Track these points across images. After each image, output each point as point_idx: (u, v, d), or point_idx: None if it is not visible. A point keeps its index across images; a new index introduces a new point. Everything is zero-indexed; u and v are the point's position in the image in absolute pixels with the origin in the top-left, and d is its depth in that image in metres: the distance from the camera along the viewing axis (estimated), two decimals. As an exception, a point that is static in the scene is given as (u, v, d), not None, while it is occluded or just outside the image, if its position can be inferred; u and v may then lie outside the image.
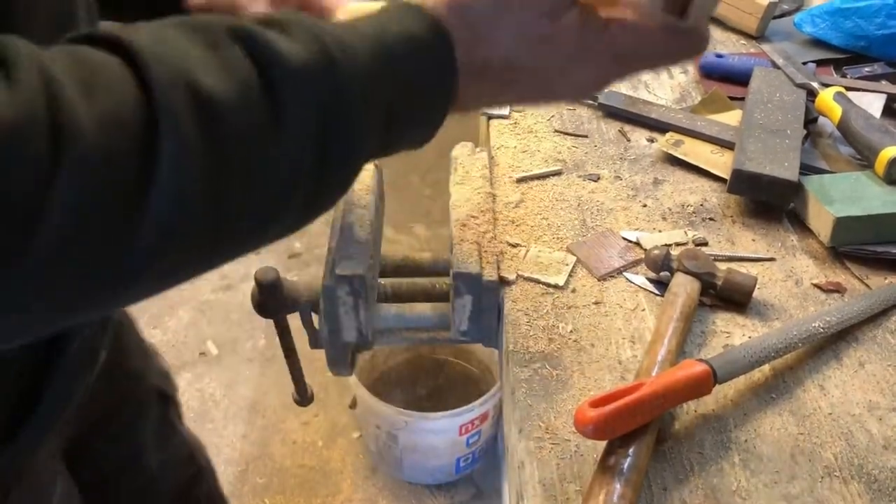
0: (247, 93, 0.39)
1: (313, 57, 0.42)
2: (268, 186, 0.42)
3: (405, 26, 0.47)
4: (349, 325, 0.78)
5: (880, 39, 1.05)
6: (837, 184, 0.82)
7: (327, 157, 0.44)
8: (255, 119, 0.40)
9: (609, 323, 0.72)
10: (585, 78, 0.53)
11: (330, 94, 0.42)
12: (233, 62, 0.39)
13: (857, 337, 0.71)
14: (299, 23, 0.43)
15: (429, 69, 0.47)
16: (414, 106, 0.48)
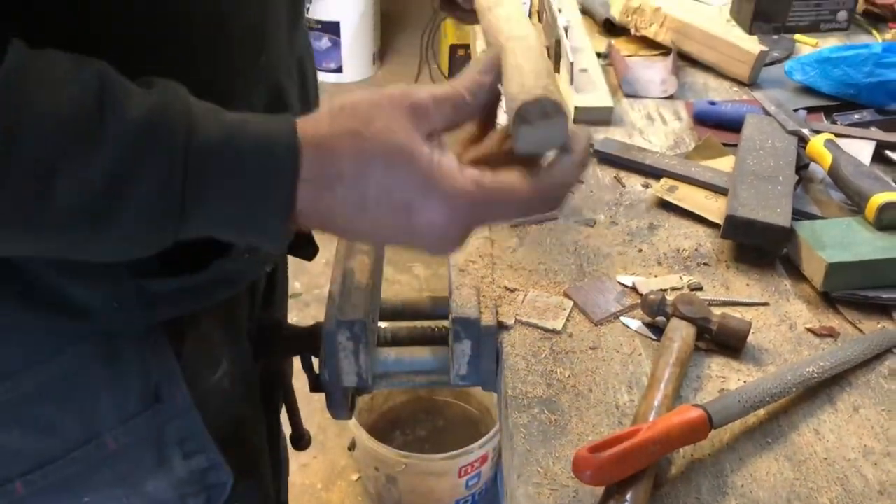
0: (72, 119, 0.43)
1: (151, 112, 0.45)
2: (53, 202, 0.44)
3: (266, 127, 0.48)
4: (349, 369, 0.78)
5: (868, 87, 1.07)
6: (829, 229, 0.83)
7: (118, 201, 0.45)
8: (67, 140, 0.43)
9: (606, 368, 0.73)
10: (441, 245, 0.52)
11: (146, 145, 0.45)
12: (78, 93, 0.44)
13: (850, 381, 0.72)
14: (166, 86, 0.47)
15: (263, 168, 0.47)
16: (238, 195, 0.47)
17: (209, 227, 0.49)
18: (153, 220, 0.46)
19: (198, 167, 0.46)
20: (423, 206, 0.49)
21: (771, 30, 1.33)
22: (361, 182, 0.48)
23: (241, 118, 0.49)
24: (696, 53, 1.22)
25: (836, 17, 1.34)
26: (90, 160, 0.44)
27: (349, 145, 0.48)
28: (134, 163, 0.45)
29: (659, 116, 1.12)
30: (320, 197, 0.49)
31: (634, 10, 1.27)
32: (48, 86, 0.43)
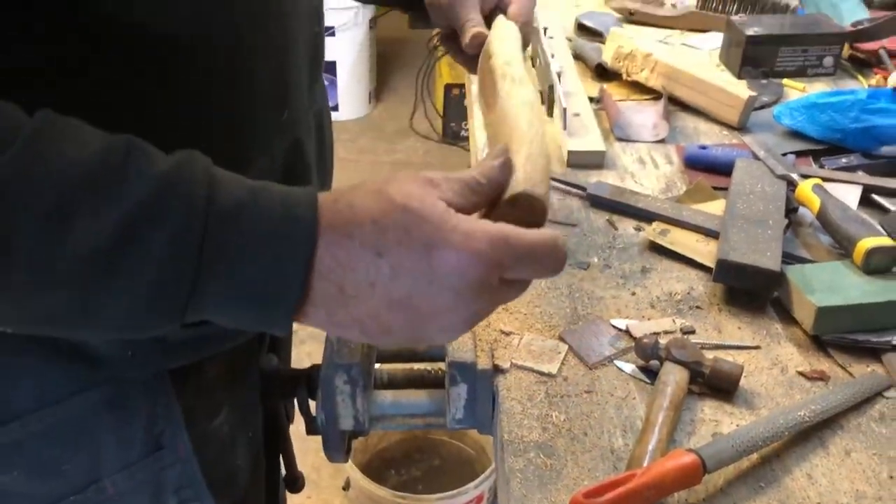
0: (96, 171, 0.44)
1: (172, 171, 0.46)
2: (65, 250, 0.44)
3: (287, 192, 0.49)
4: (346, 413, 0.79)
5: (854, 132, 1.10)
6: (818, 273, 0.85)
7: (130, 257, 0.45)
8: (87, 194, 0.44)
9: (601, 411, 0.74)
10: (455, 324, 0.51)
11: (166, 201, 0.45)
12: (106, 149, 0.45)
13: (842, 425, 0.73)
14: (190, 152, 0.48)
15: (283, 233, 0.47)
16: (252, 266, 0.47)
17: (225, 294, 0.47)
18: (164, 277, 0.45)
19: (219, 222, 0.46)
20: (442, 246, 0.48)
21: (759, 74, 1.36)
22: (379, 227, 0.48)
23: (261, 184, 0.49)
24: (687, 98, 1.25)
25: (823, 63, 1.37)
26: (108, 213, 0.44)
27: (367, 198, 0.49)
28: (152, 216, 0.45)
29: (651, 160, 1.14)
30: (339, 245, 0.48)
31: (626, 56, 1.30)
32: (77, 141, 0.45)
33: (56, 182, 0.43)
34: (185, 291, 0.46)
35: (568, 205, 1.04)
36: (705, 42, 1.51)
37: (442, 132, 3.62)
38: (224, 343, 0.68)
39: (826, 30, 1.36)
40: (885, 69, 1.35)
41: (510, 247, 0.49)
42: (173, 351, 0.64)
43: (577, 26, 1.53)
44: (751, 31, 1.34)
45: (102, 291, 0.46)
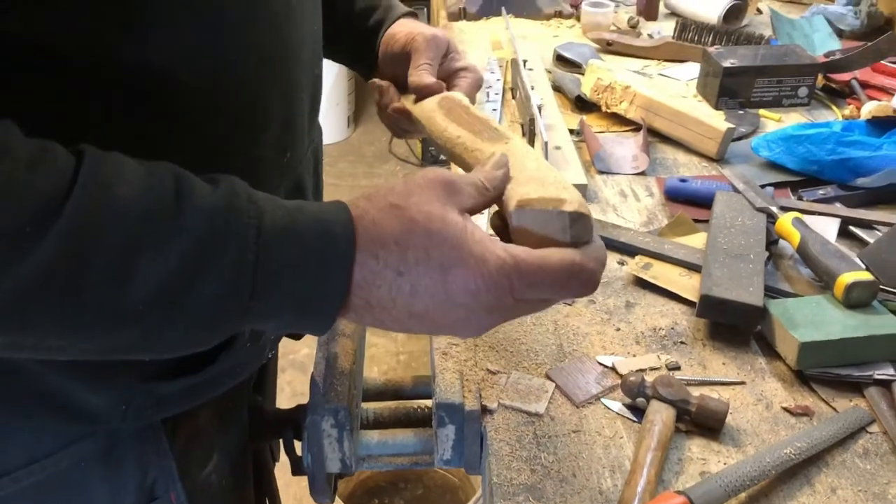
0: (153, 209, 0.46)
1: (221, 201, 0.48)
2: (132, 289, 0.45)
3: (321, 210, 0.52)
4: (333, 456, 0.79)
5: (831, 164, 1.11)
6: (800, 308, 0.86)
7: (195, 285, 0.47)
8: (148, 233, 0.45)
9: (589, 452, 0.74)
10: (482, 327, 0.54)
11: (220, 234, 0.47)
12: (156, 186, 0.47)
13: (827, 461, 0.74)
14: (231, 181, 0.50)
15: (327, 249, 0.50)
16: (303, 274, 0.50)
17: (274, 308, 0.50)
18: (225, 302, 0.48)
19: (268, 248, 0.48)
20: (458, 266, 0.50)
21: (736, 105, 1.38)
22: (401, 246, 0.51)
23: (297, 204, 0.52)
24: (666, 130, 1.26)
25: (798, 93, 1.39)
26: (169, 249, 0.46)
27: (389, 216, 0.51)
28: (210, 248, 0.47)
29: (632, 192, 1.15)
30: (365, 264, 0.51)
31: (605, 88, 1.31)
32: (128, 180, 0.46)
33: (119, 227, 0.45)
34: (240, 314, 0.49)
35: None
36: (682, 72, 1.53)
37: (421, 156, 3.63)
38: (217, 389, 0.68)
39: (800, 61, 1.39)
40: (858, 99, 1.38)
41: (520, 273, 0.51)
42: (167, 402, 0.64)
43: (556, 57, 1.55)
44: (727, 63, 1.36)
45: (166, 325, 0.48)
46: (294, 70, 0.65)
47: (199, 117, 0.57)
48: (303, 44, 0.66)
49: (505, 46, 1.64)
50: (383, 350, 2.52)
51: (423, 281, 0.51)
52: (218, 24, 0.55)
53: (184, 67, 0.54)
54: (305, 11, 0.67)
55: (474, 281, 0.50)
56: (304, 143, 0.72)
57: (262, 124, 0.63)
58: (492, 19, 1.83)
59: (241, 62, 0.58)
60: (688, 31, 1.62)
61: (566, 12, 1.83)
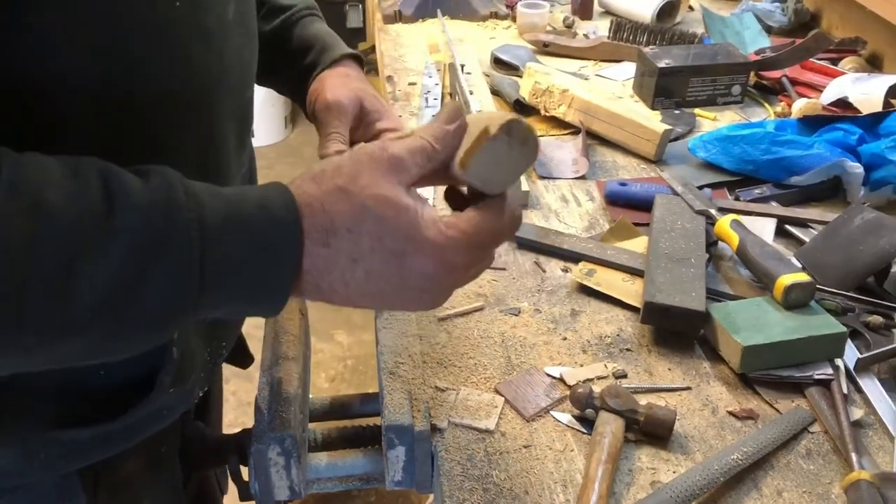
0: (85, 215, 0.44)
1: (156, 197, 0.46)
2: (75, 300, 0.44)
3: (263, 195, 0.50)
4: (281, 483, 0.77)
5: (766, 164, 1.13)
6: (742, 311, 0.87)
7: (141, 287, 0.46)
8: (84, 239, 0.44)
9: (541, 467, 0.74)
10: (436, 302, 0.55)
11: (161, 232, 0.46)
12: (84, 189, 0.45)
13: (772, 464, 0.75)
14: (162, 172, 0.49)
15: (273, 234, 0.49)
16: (252, 265, 0.49)
17: (225, 298, 0.49)
18: (174, 301, 0.47)
19: (213, 238, 0.47)
20: (413, 253, 0.51)
21: (672, 105, 1.40)
22: (354, 234, 0.50)
23: (237, 190, 0.51)
24: (604, 132, 1.27)
25: (731, 91, 1.41)
26: (108, 253, 0.44)
27: (339, 200, 0.50)
28: (152, 246, 0.45)
29: (573, 197, 1.15)
30: (317, 253, 0.50)
31: (543, 92, 1.31)
32: (54, 186, 0.43)
33: (52, 236, 0.43)
34: (190, 309, 0.48)
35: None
36: (619, 72, 1.54)
37: (361, 156, 3.60)
38: (138, 436, 0.64)
39: (733, 59, 1.41)
40: (789, 96, 1.41)
41: (476, 245, 0.53)
42: (78, 451, 0.60)
43: (494, 60, 1.55)
44: (662, 63, 1.38)
45: (115, 331, 0.47)
46: (215, 97, 0.63)
47: (98, 149, 0.53)
48: (225, 70, 0.63)
49: (442, 49, 1.63)
50: (329, 356, 2.49)
51: (377, 267, 0.51)
52: (113, 53, 0.52)
53: (68, 99, 0.52)
54: (229, 35, 0.64)
55: (432, 266, 0.51)
56: (231, 170, 0.69)
57: (176, 153, 0.59)
58: (428, 21, 1.82)
59: (146, 92, 0.55)
60: (623, 31, 1.63)
61: (502, 13, 1.83)
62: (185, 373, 0.66)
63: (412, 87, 1.48)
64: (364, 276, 0.51)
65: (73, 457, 0.61)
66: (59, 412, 0.58)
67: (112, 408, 0.61)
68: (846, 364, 0.84)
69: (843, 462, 0.75)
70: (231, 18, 0.64)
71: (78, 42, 0.50)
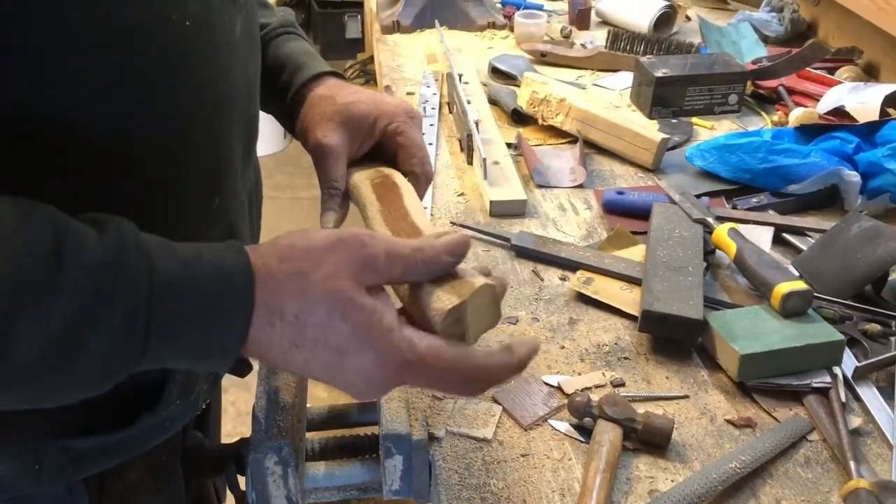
0: (29, 269, 0.43)
1: (106, 255, 0.45)
2: (11, 356, 0.43)
3: (220, 258, 0.49)
4: (278, 493, 0.76)
5: (763, 172, 1.14)
6: (739, 319, 0.87)
7: (81, 346, 0.45)
8: (25, 295, 0.43)
9: (538, 476, 0.74)
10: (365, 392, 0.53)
11: (107, 292, 0.45)
12: (33, 241, 0.44)
13: (771, 473, 0.75)
14: (119, 227, 0.47)
15: (223, 302, 0.48)
16: (199, 328, 0.48)
17: (166, 360, 0.49)
18: (115, 361, 0.46)
19: (160, 304, 0.46)
20: (357, 355, 0.50)
21: (669, 114, 1.40)
22: (300, 322, 0.49)
23: (195, 251, 0.49)
24: (602, 141, 1.27)
25: (728, 101, 1.42)
26: (51, 311, 0.43)
27: (294, 287, 0.49)
28: (96, 309, 0.44)
29: (570, 206, 1.15)
30: (262, 330, 0.50)
31: (540, 101, 1.32)
32: (1, 239, 0.43)
33: None
34: (132, 367, 0.48)
35: (493, 256, 1.04)
36: (616, 82, 1.55)
37: (360, 166, 3.60)
38: (143, 446, 0.65)
39: (730, 69, 1.42)
40: (786, 106, 1.41)
41: (419, 372, 0.51)
42: (86, 460, 0.60)
43: (491, 70, 1.55)
44: (659, 73, 1.38)
45: (53, 386, 0.46)
46: (222, 113, 0.62)
47: (108, 166, 0.54)
48: (233, 86, 0.63)
49: (440, 59, 1.64)
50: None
51: (318, 358, 0.50)
52: (122, 70, 0.52)
53: (82, 116, 0.51)
54: (236, 52, 0.64)
55: (373, 371, 0.50)
56: (237, 185, 0.69)
57: (184, 170, 0.59)
58: (426, 31, 1.82)
59: (155, 110, 0.55)
60: (620, 41, 1.64)
61: (499, 23, 1.84)
62: (190, 385, 0.66)
63: (410, 96, 1.48)
64: (303, 363, 0.51)
65: (80, 466, 0.60)
66: (66, 422, 0.58)
67: (119, 418, 0.61)
68: (844, 372, 0.84)
69: (841, 470, 0.75)
70: (238, 35, 0.64)
71: (89, 62, 0.50)
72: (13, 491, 0.58)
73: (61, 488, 0.61)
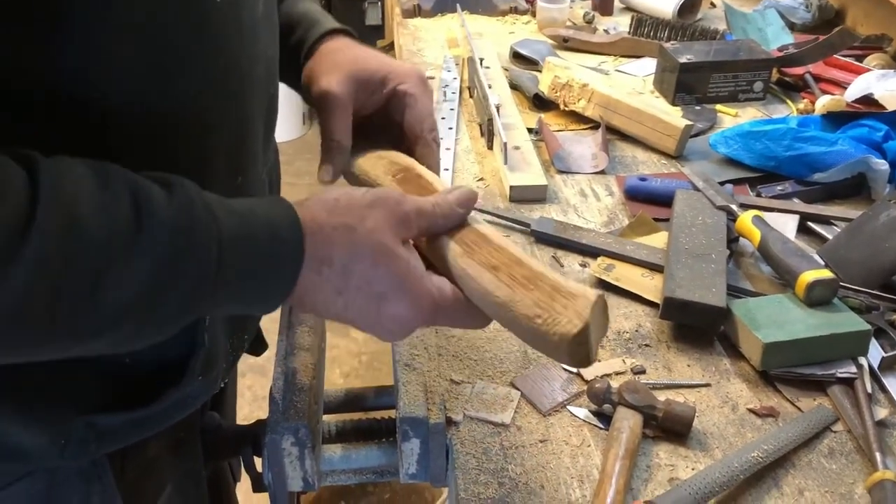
0: (115, 229, 0.47)
1: (181, 214, 0.49)
2: (103, 307, 0.47)
3: (271, 214, 0.54)
4: (295, 474, 0.76)
5: (788, 160, 1.12)
6: (763, 308, 0.85)
7: (162, 298, 0.49)
8: (114, 253, 0.46)
9: (557, 462, 0.73)
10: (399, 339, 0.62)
11: (183, 248, 0.49)
12: (115, 203, 0.47)
13: (793, 463, 0.74)
14: (183, 185, 0.51)
15: (277, 255, 0.53)
16: (256, 278, 0.53)
17: (227, 303, 0.53)
18: (189, 307, 0.51)
19: (227, 259, 0.51)
20: (394, 300, 0.55)
21: (693, 101, 1.38)
22: (347, 270, 0.54)
23: (248, 207, 0.53)
24: (624, 127, 1.26)
25: (753, 88, 1.40)
26: (135, 267, 0.47)
27: (342, 237, 0.54)
28: (175, 265, 0.48)
29: (592, 192, 1.14)
30: (308, 278, 0.54)
31: (563, 86, 1.30)
32: (86, 199, 0.46)
33: (85, 251, 0.45)
34: (201, 311, 0.54)
35: (513, 241, 1.03)
36: (639, 68, 1.53)
37: (379, 153, 3.60)
38: (165, 422, 0.65)
39: (755, 56, 1.39)
40: (812, 93, 1.39)
41: (446, 312, 0.58)
42: (110, 436, 0.61)
43: (513, 55, 1.54)
44: (683, 59, 1.36)
45: (133, 334, 0.50)
46: (246, 92, 0.63)
47: (139, 143, 0.55)
48: (255, 64, 0.63)
49: (461, 44, 1.62)
50: (344, 351, 2.48)
51: (357, 303, 0.55)
52: (157, 47, 0.53)
53: (120, 93, 0.52)
54: (259, 31, 0.64)
55: (406, 315, 0.56)
56: (258, 165, 0.69)
57: (210, 148, 0.60)
58: (447, 16, 1.81)
59: (185, 86, 0.56)
60: (643, 27, 1.62)
61: (521, 8, 1.82)
62: (211, 361, 0.67)
63: (430, 81, 1.47)
64: (343, 306, 0.56)
65: (105, 441, 0.62)
66: (92, 399, 0.60)
67: (144, 394, 0.62)
68: (870, 363, 0.82)
69: (866, 462, 0.73)
70: (260, 14, 0.64)
71: (125, 39, 0.51)
72: (38, 464, 0.59)
73: (85, 462, 0.62)
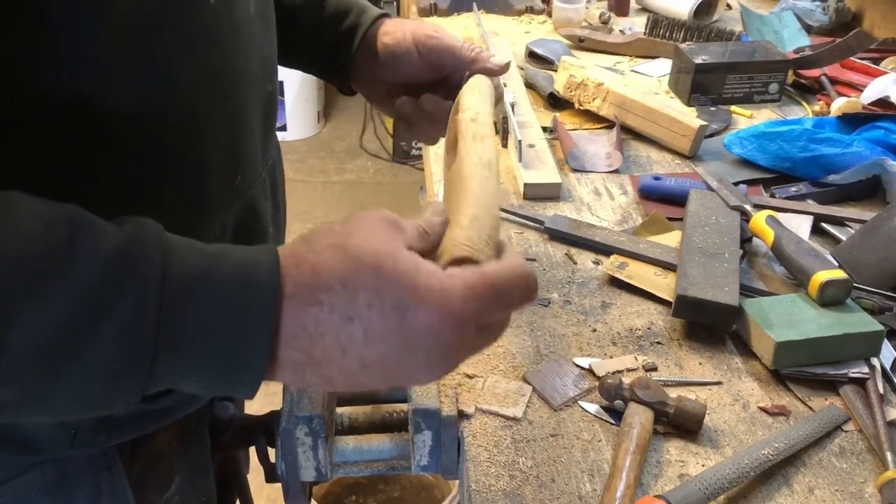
0: (40, 256, 0.41)
1: (120, 246, 0.42)
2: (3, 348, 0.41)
3: (247, 258, 0.46)
4: (308, 465, 0.77)
5: (803, 161, 1.12)
6: (775, 307, 0.85)
7: (80, 343, 0.42)
8: (34, 280, 0.40)
9: (568, 456, 0.73)
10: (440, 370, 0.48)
11: (115, 282, 0.42)
12: (48, 231, 0.42)
13: (804, 461, 0.74)
14: (138, 222, 0.45)
15: (243, 303, 0.44)
16: (216, 330, 0.44)
17: (189, 367, 0.45)
18: (122, 362, 0.42)
19: (174, 297, 0.43)
20: (415, 305, 0.45)
21: (708, 101, 1.38)
22: (349, 288, 0.45)
23: (217, 249, 0.46)
24: (639, 127, 1.26)
25: (768, 90, 1.40)
26: (55, 301, 0.41)
27: (332, 256, 0.46)
28: (105, 297, 0.42)
29: (606, 191, 1.14)
30: (306, 313, 0.45)
31: (577, 86, 1.31)
32: (15, 220, 0.41)
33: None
34: (143, 371, 0.43)
35: (526, 238, 1.04)
36: (655, 69, 1.53)
37: (392, 151, 3.61)
38: (175, 415, 0.65)
39: (770, 57, 1.39)
40: (828, 95, 1.39)
41: (485, 298, 0.46)
42: (119, 427, 0.61)
43: (528, 54, 1.54)
44: (699, 60, 1.36)
45: (56, 382, 0.42)
46: (241, 90, 0.63)
47: (134, 144, 0.54)
48: (250, 62, 0.64)
49: (477, 43, 1.63)
50: (356, 348, 2.49)
51: (377, 324, 0.45)
52: (151, 47, 0.53)
53: (113, 93, 0.51)
54: (253, 29, 0.64)
55: (438, 318, 0.45)
56: (258, 163, 0.69)
57: (206, 147, 0.59)
58: (463, 15, 1.82)
59: (178, 85, 0.56)
60: (659, 27, 1.62)
61: (537, 8, 1.82)
62: None
63: (446, 79, 1.48)
64: (363, 337, 0.45)
65: (115, 432, 0.62)
66: None
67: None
68: (882, 363, 0.83)
69: (877, 461, 0.73)
70: (252, 12, 0.65)
71: (118, 39, 0.51)
72: (48, 454, 0.59)
73: (95, 452, 0.62)
